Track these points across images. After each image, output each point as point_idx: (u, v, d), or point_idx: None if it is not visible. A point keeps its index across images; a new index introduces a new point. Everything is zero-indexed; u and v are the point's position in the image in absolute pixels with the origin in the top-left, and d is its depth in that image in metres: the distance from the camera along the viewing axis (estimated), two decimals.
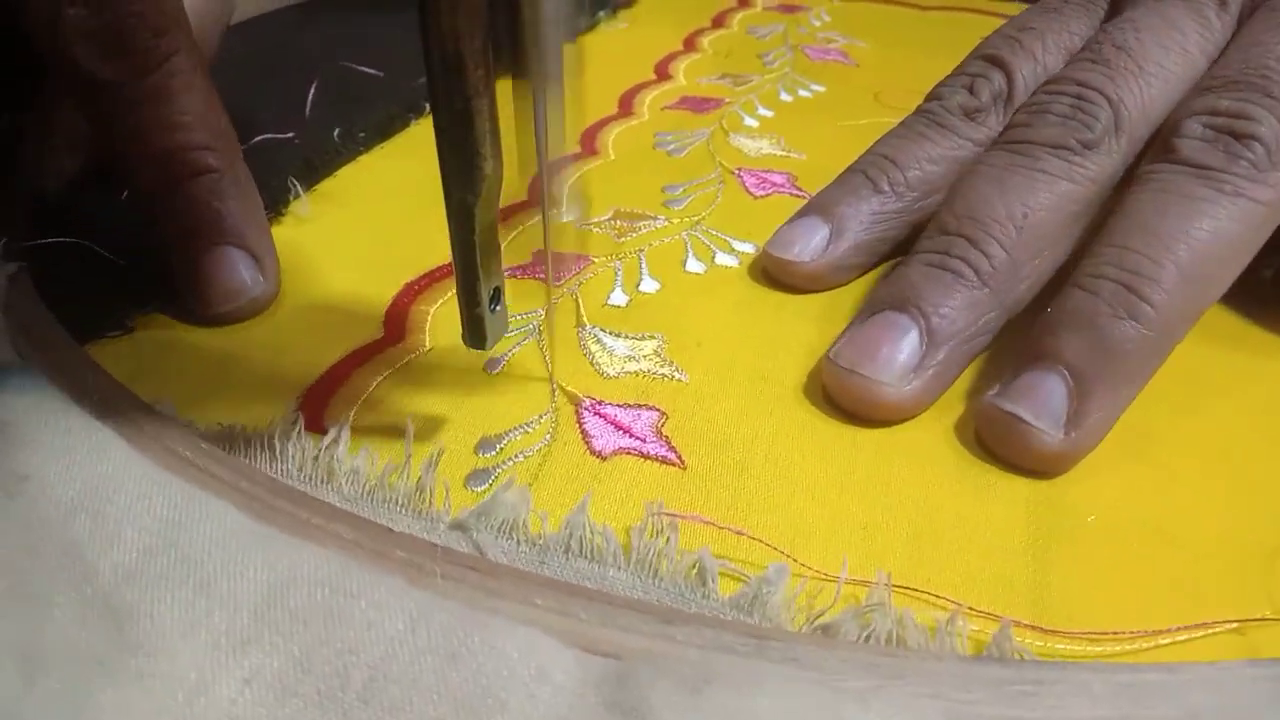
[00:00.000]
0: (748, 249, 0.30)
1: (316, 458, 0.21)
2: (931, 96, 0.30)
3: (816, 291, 0.28)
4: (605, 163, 0.36)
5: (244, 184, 0.26)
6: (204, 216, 0.25)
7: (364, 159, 0.35)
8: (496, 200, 0.20)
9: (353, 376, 0.24)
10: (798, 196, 0.33)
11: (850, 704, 0.14)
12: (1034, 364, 0.22)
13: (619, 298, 0.28)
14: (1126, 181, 0.24)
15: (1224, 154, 0.23)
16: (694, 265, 0.29)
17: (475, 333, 0.21)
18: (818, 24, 0.52)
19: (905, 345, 0.22)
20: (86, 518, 0.17)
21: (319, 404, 0.23)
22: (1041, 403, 0.21)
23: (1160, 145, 0.24)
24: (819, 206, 0.29)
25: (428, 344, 0.25)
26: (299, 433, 0.22)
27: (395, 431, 0.22)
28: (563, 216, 0.24)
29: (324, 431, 0.22)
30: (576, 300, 0.27)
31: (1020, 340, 0.23)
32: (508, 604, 0.16)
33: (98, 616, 0.16)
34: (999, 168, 0.25)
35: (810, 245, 0.28)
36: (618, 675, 0.15)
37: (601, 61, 0.45)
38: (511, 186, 0.20)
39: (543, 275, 0.28)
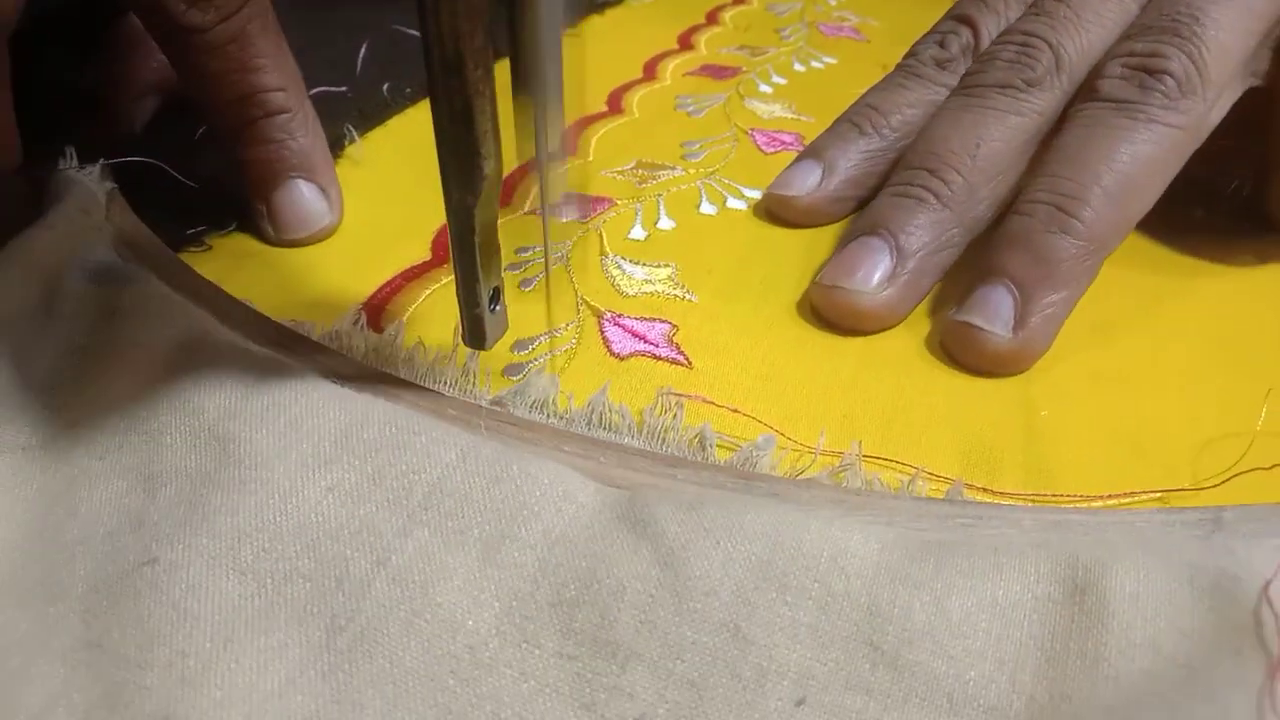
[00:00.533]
0: (755, 195, 0.33)
1: (377, 349, 0.24)
2: (909, 54, 0.34)
3: (813, 226, 0.31)
4: (630, 120, 0.39)
5: (312, 124, 0.30)
6: (278, 152, 0.29)
7: (410, 112, 0.38)
8: (496, 200, 0.20)
9: (406, 287, 0.27)
10: None
11: (818, 521, 0.18)
12: (983, 280, 0.25)
13: (638, 233, 0.31)
14: (1062, 120, 0.28)
15: (1139, 88, 0.26)
16: (707, 208, 0.33)
17: (475, 332, 0.22)
18: (833, 3, 0.55)
19: (879, 261, 0.26)
20: (191, 368, 0.21)
21: (378, 309, 0.27)
22: (991, 310, 0.25)
23: (1086, 87, 0.28)
24: (813, 151, 0.32)
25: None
26: (362, 327, 0.25)
27: (441, 331, 0.26)
28: (560, 216, 0.27)
29: (382, 330, 0.25)
30: (600, 234, 0.31)
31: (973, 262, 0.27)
32: (541, 449, 0.20)
33: (204, 444, 0.19)
34: (955, 110, 0.29)
35: (806, 183, 0.31)
36: (629, 499, 0.18)
37: (627, 32, 0.49)
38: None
39: (571, 215, 0.32)
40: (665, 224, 0.32)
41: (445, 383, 0.23)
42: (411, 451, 0.19)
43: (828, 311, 0.27)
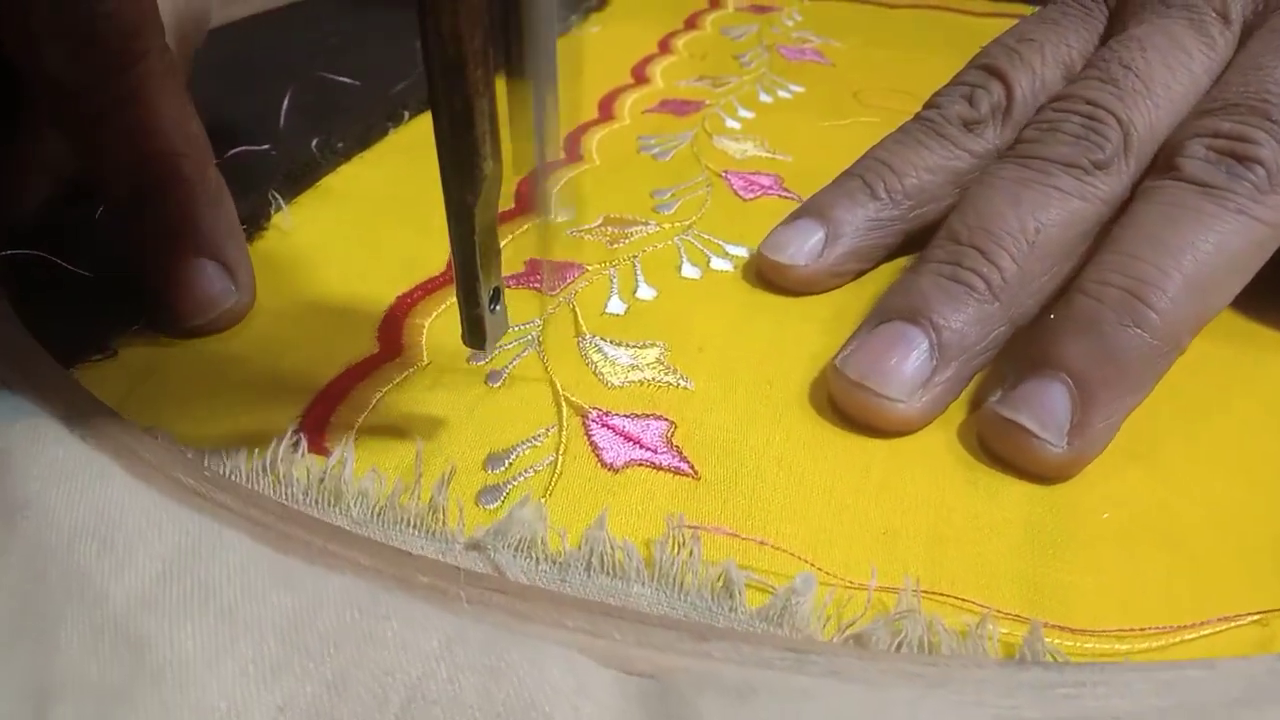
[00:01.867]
0: (741, 253, 0.30)
1: (323, 480, 0.20)
2: (930, 105, 0.30)
3: (811, 294, 0.28)
4: (590, 168, 0.35)
5: (216, 193, 0.25)
6: (176, 227, 0.24)
7: (344, 169, 0.34)
8: (496, 201, 0.20)
9: (351, 393, 0.23)
10: (786, 198, 0.33)
11: (898, 710, 0.14)
12: (1037, 371, 0.22)
13: (616, 305, 0.27)
14: (1129, 198, 0.25)
15: (1227, 174, 0.23)
16: (689, 271, 0.29)
17: (475, 333, 0.21)
18: (790, 24, 0.52)
19: (915, 358, 0.22)
20: (94, 543, 0.16)
21: (319, 423, 0.22)
22: (1045, 412, 0.21)
23: (1164, 163, 0.24)
24: (814, 209, 0.28)
25: (425, 358, 0.25)
26: (302, 454, 0.21)
27: (400, 450, 0.22)
28: (555, 218, 0.24)
29: (327, 452, 0.21)
30: (574, 309, 0.27)
31: (1022, 344, 0.23)
32: (538, 626, 0.16)
33: (112, 645, 0.15)
34: (1011, 181, 0.25)
35: (805, 248, 0.27)
36: (660, 691, 0.15)
37: (577, 66, 0.45)
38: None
39: (538, 284, 0.28)
40: (645, 293, 0.28)
41: (408, 521, 0.19)
42: (381, 645, 0.15)
43: (850, 410, 0.23)
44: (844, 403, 0.23)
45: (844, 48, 0.48)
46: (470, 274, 0.20)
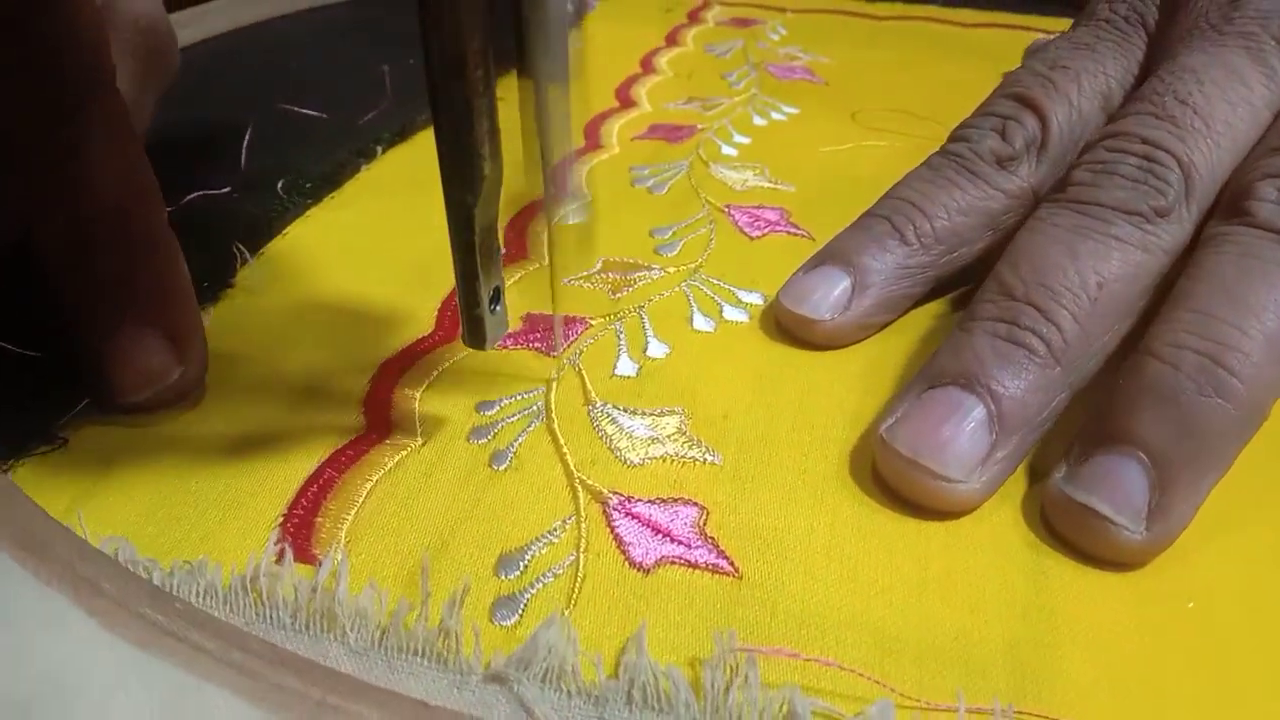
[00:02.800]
0: (755, 300, 0.28)
1: (314, 597, 0.18)
2: (958, 137, 0.27)
3: (837, 349, 0.26)
4: (585, 202, 0.33)
5: (165, 251, 0.22)
6: (114, 291, 0.22)
7: (314, 212, 0.31)
8: (496, 201, 0.20)
9: (339, 483, 0.21)
10: (796, 235, 0.31)
11: None
12: (1108, 446, 0.19)
13: (627, 366, 0.25)
14: (1192, 245, 0.23)
15: None
16: (701, 323, 0.27)
17: (475, 333, 0.21)
18: (775, 38, 0.49)
19: (973, 431, 0.20)
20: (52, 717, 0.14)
21: (304, 523, 0.20)
22: (1121, 494, 0.19)
23: (1231, 206, 0.22)
24: (838, 254, 0.26)
25: (419, 436, 0.22)
26: (288, 565, 0.18)
27: (399, 553, 0.19)
28: (569, 218, 0.22)
29: (315, 560, 0.19)
30: (580, 373, 0.24)
31: (1081, 410, 0.21)
32: None
33: None
34: (1066, 229, 0.22)
35: (830, 299, 0.25)
36: None
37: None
38: (522, 187, 0.20)
39: (539, 344, 0.25)
40: (656, 350, 0.25)
41: (416, 649, 0.17)
42: None
43: (901, 489, 0.20)
44: (895, 481, 0.21)
45: (834, 64, 0.46)
46: (470, 274, 0.20)
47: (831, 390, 0.24)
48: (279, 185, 0.32)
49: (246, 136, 0.34)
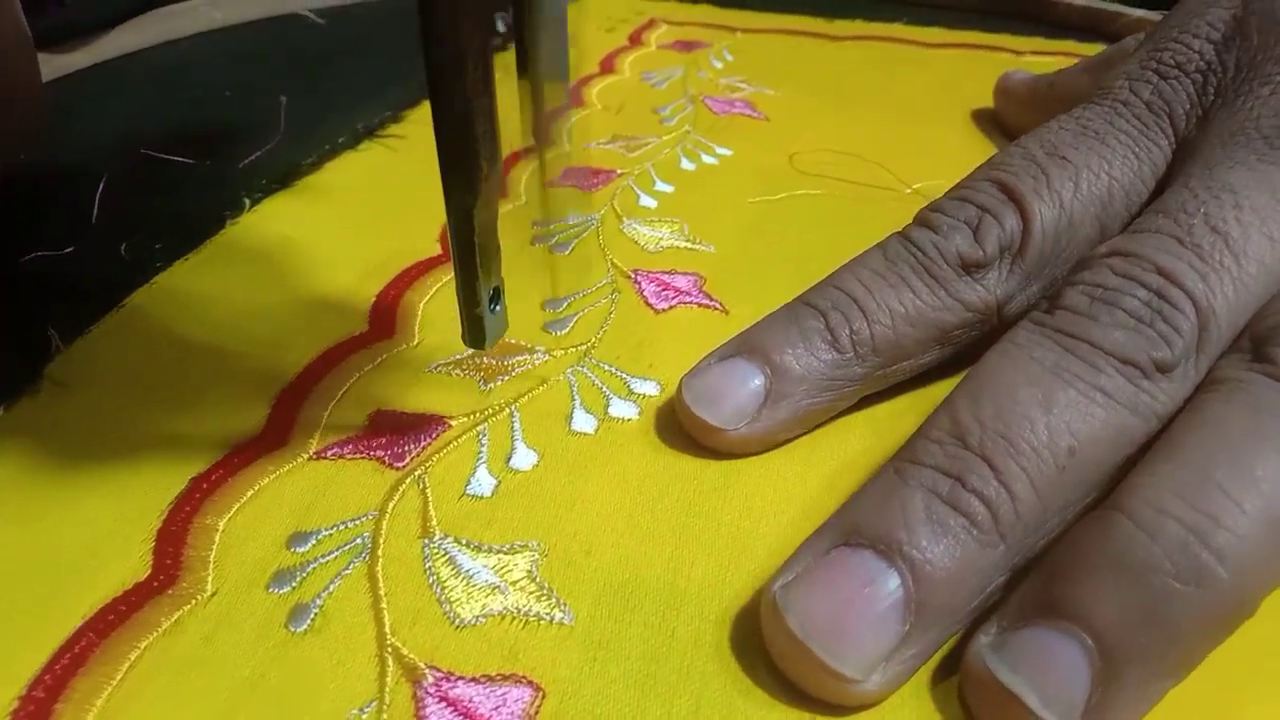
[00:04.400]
0: (650, 390, 0.24)
1: None
2: (924, 221, 0.23)
3: (743, 456, 0.22)
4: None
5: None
6: None
7: (162, 280, 0.27)
8: (496, 200, 0.20)
9: (96, 654, 0.17)
10: (707, 308, 0.27)
11: None
12: (1050, 618, 0.16)
13: (483, 482, 0.21)
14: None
15: None
16: (582, 421, 0.23)
17: (475, 333, 0.21)
18: (720, 65, 0.45)
19: (881, 616, 0.16)
20: None
21: (41, 711, 0.16)
22: (1054, 681, 0.15)
23: (1249, 349, 0.18)
24: (757, 348, 0.22)
25: (209, 586, 0.18)
26: None
27: None
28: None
29: None
30: (425, 492, 0.21)
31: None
32: None
33: None
34: (1045, 369, 0.18)
35: (737, 403, 0.21)
36: None
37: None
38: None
39: (382, 453, 0.22)
40: (522, 459, 0.22)
41: None
42: None
43: (788, 671, 0.17)
44: (779, 659, 0.17)
45: (779, 96, 0.42)
46: (470, 274, 0.20)
47: (722, 516, 0.20)
48: (122, 248, 0.28)
49: (100, 187, 0.30)
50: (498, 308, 0.21)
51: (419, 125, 0.38)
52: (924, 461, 0.18)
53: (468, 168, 0.18)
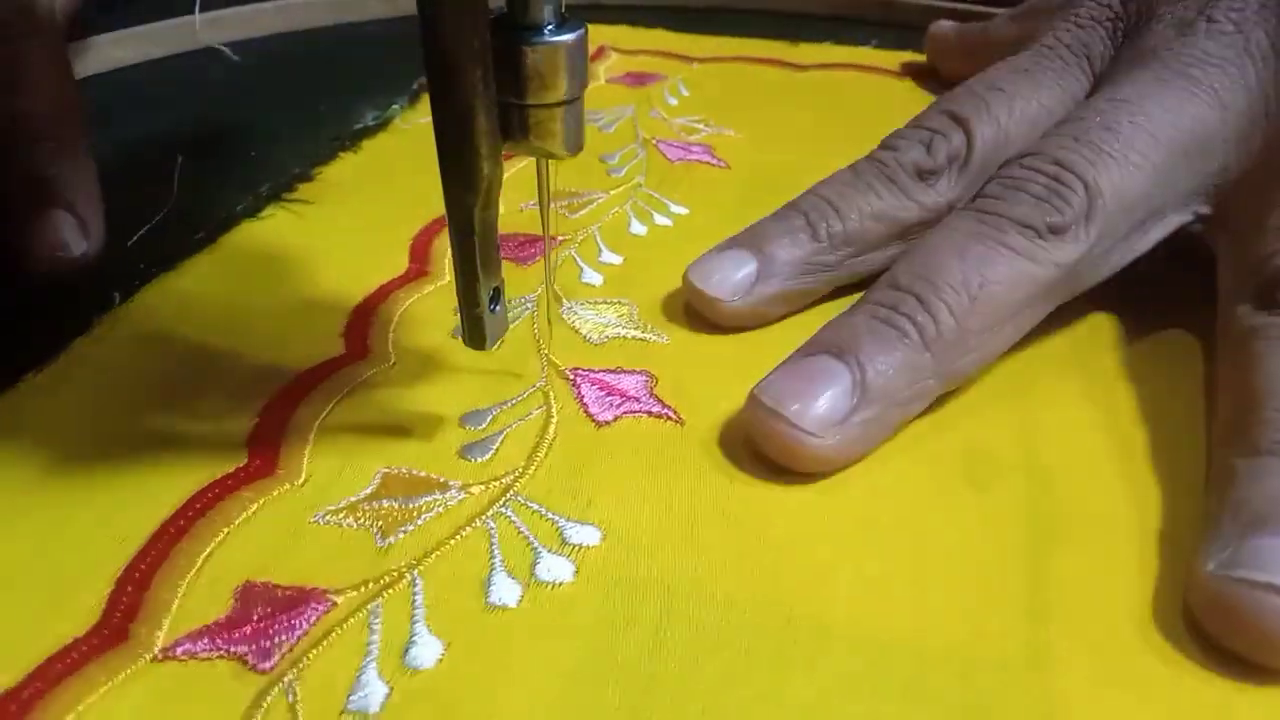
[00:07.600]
0: (589, 539, 0.19)
1: None
2: (886, 145, 0.28)
3: (734, 331, 0.26)
4: (383, 369, 0.24)
5: (79, 156, 0.26)
6: (35, 181, 0.25)
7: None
8: (496, 200, 0.19)
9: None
10: (659, 417, 0.23)
11: None
12: (1263, 531, 0.18)
13: (371, 691, 0.16)
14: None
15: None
16: (502, 590, 0.18)
17: (475, 333, 0.21)
18: (675, 102, 0.41)
19: (835, 394, 0.21)
20: None
21: None
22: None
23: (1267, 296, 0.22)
24: (750, 240, 0.27)
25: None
26: None
27: None
28: None
29: None
30: (294, 707, 0.16)
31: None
32: None
33: None
34: (962, 233, 0.23)
35: (733, 280, 0.26)
36: None
37: (388, 178, 0.34)
38: None
39: (243, 648, 0.17)
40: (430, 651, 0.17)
41: None
42: None
43: (762, 441, 0.21)
44: (757, 431, 0.21)
45: (740, 140, 0.37)
46: (470, 274, 0.20)
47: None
48: None
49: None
50: (498, 308, 0.21)
51: (328, 187, 0.33)
52: (868, 299, 0.23)
53: (468, 168, 0.18)
